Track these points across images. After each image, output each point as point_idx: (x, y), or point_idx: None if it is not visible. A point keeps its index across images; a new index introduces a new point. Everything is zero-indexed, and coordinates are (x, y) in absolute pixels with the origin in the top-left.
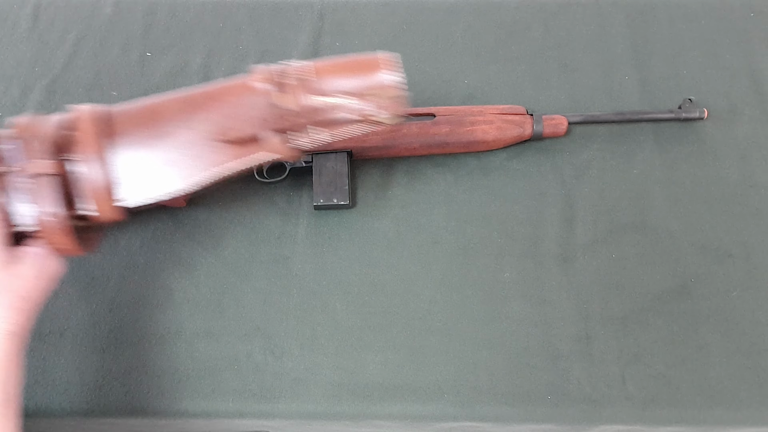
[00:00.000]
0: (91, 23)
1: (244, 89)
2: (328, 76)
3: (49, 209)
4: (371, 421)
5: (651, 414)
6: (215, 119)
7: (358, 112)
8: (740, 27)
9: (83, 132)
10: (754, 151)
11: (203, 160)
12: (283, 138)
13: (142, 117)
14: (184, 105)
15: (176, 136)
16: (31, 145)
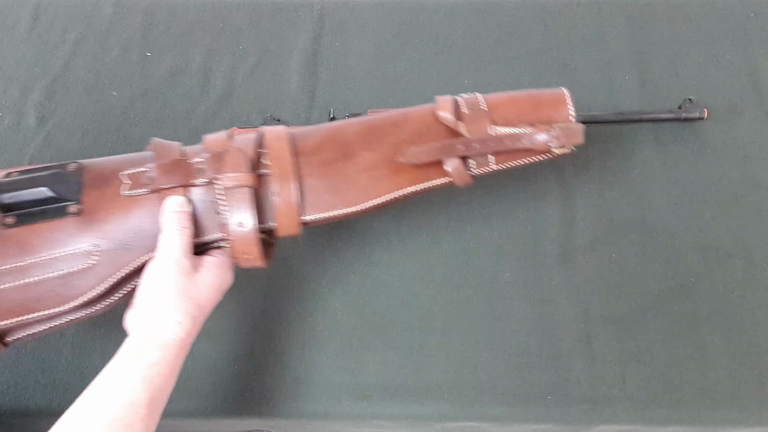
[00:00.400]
0: (91, 23)
1: (428, 117)
2: (507, 107)
3: (244, 219)
4: (371, 421)
5: (651, 414)
6: (398, 144)
7: (538, 144)
8: (740, 27)
9: (278, 150)
10: (755, 151)
11: (384, 183)
12: (464, 165)
13: (324, 139)
14: (366, 129)
15: (359, 158)
16: (225, 159)
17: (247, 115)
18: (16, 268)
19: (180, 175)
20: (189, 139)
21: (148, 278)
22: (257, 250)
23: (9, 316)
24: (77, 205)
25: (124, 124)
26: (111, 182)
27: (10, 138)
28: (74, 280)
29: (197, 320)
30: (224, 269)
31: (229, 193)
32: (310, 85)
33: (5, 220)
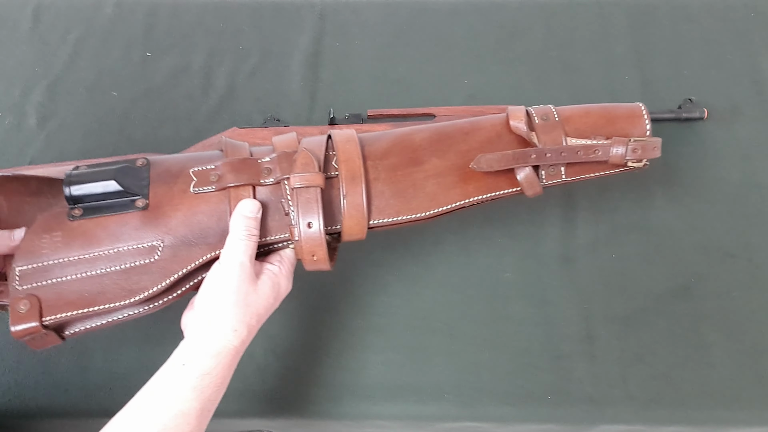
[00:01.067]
0: (92, 24)
1: (499, 126)
2: (580, 119)
3: (312, 220)
4: (373, 421)
5: (653, 414)
6: (468, 152)
7: (615, 157)
8: (741, 27)
9: (347, 153)
10: (756, 151)
11: (452, 190)
12: (536, 175)
13: (392, 144)
14: (435, 136)
15: (428, 164)
16: (295, 159)
17: (249, 116)
18: (81, 259)
19: (248, 173)
20: (190, 139)
21: (210, 281)
22: (324, 252)
23: (71, 308)
24: (144, 200)
25: (125, 124)
26: (179, 178)
27: (12, 138)
28: (137, 274)
29: (253, 329)
30: (283, 278)
31: (297, 194)
32: (311, 85)
33: (72, 212)
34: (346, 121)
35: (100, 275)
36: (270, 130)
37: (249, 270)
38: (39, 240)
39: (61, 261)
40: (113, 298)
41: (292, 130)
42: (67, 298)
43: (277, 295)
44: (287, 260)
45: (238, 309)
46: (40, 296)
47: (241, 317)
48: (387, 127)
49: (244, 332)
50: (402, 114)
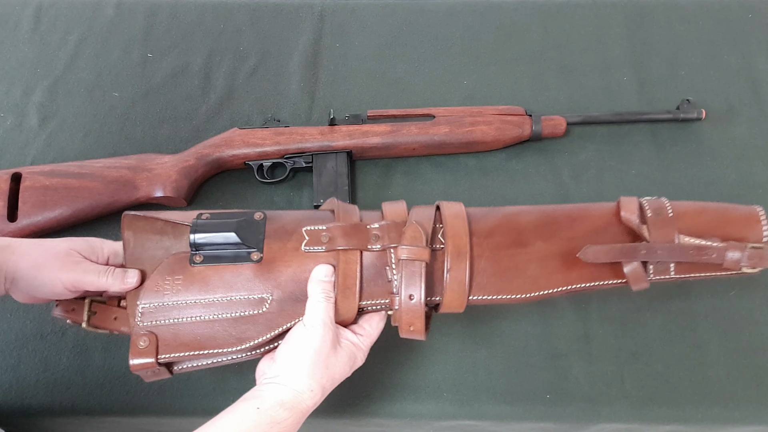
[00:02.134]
0: (92, 24)
1: (608, 216)
2: (695, 217)
3: (414, 292)
4: (371, 420)
5: (649, 412)
6: (574, 238)
7: (729, 262)
8: (738, 28)
9: (455, 229)
10: (752, 152)
11: (555, 276)
12: (643, 270)
13: (499, 223)
14: (542, 219)
15: (532, 247)
16: (404, 231)
17: (248, 116)
18: (198, 303)
19: (357, 238)
20: (190, 139)
21: (294, 338)
22: (421, 324)
23: (184, 349)
24: (259, 253)
25: (125, 124)
26: (292, 236)
27: (13, 138)
28: (246, 324)
29: (326, 391)
30: (361, 350)
31: (403, 265)
32: (310, 85)
33: (195, 257)
34: (346, 121)
35: (213, 321)
36: (270, 131)
37: (332, 332)
38: (163, 281)
39: (180, 303)
40: (222, 344)
41: (293, 132)
42: (182, 339)
43: (353, 365)
44: (371, 334)
45: (317, 369)
46: (158, 334)
47: (318, 378)
48: (387, 128)
49: (318, 394)
50: (401, 114)
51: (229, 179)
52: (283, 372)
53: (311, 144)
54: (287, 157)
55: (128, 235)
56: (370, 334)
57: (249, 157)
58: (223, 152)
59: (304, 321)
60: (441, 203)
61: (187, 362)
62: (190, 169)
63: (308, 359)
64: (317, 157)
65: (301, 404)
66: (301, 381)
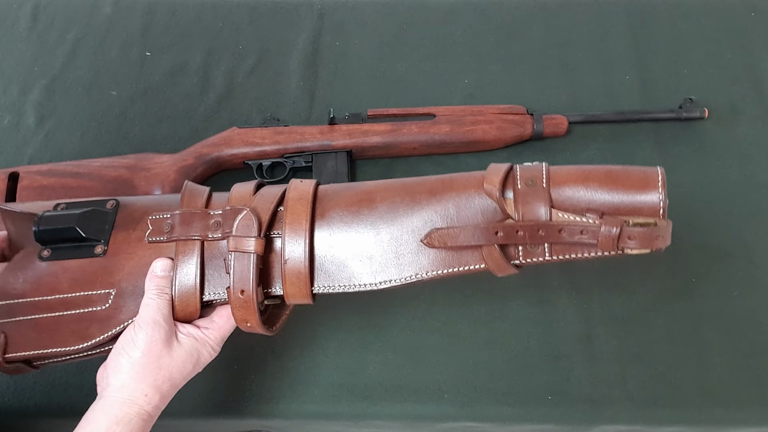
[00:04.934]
0: (90, 23)
1: (474, 190)
2: (575, 184)
3: (244, 286)
4: (371, 421)
5: (652, 414)
6: (432, 219)
7: (606, 241)
8: (741, 26)
9: (297, 215)
10: (755, 151)
11: (404, 261)
12: (507, 253)
13: (353, 199)
14: (401, 194)
15: (383, 228)
16: (238, 219)
17: (247, 115)
18: (42, 301)
19: (197, 226)
20: (188, 138)
21: (122, 340)
22: (255, 320)
23: (29, 348)
24: (103, 246)
25: (123, 123)
26: (138, 225)
27: (10, 137)
28: (89, 321)
29: (166, 394)
30: (206, 344)
31: (235, 257)
32: (309, 84)
33: (42, 252)
34: (346, 121)
35: (57, 318)
36: (269, 130)
37: (163, 330)
38: (12, 277)
39: (27, 301)
40: (65, 342)
41: (292, 131)
42: (29, 337)
43: (196, 362)
44: (221, 327)
45: (148, 372)
46: (7, 333)
47: (150, 381)
48: (387, 127)
49: (155, 397)
50: (401, 114)
51: (228, 179)
52: (112, 381)
53: (311, 143)
54: (287, 156)
55: (9, 226)
56: (220, 327)
57: (248, 156)
58: (222, 151)
59: (135, 320)
60: (291, 182)
61: (44, 358)
62: (188, 169)
63: (136, 362)
64: (317, 156)
65: (138, 413)
66: (132, 387)
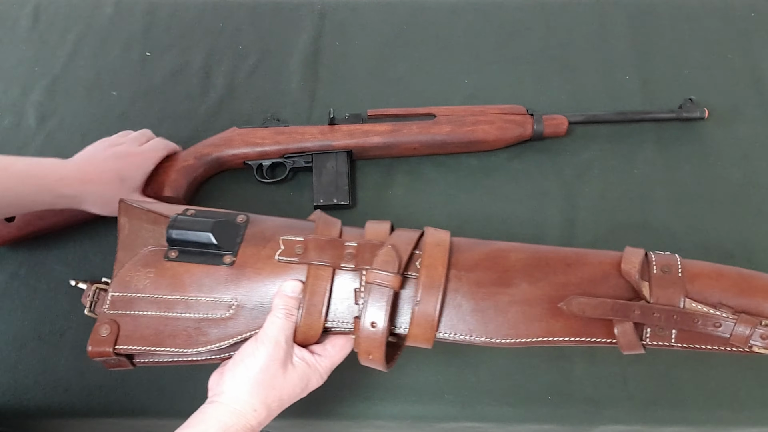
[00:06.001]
0: (91, 23)
1: (607, 266)
2: (708, 281)
3: (377, 320)
4: (371, 421)
5: (653, 414)
6: (565, 285)
7: (738, 338)
8: (741, 27)
9: (433, 258)
10: (756, 151)
11: (536, 324)
12: (636, 332)
13: (485, 258)
14: (534, 258)
15: (517, 288)
16: (377, 253)
17: (248, 115)
18: (164, 300)
19: (331, 254)
20: (189, 138)
21: (242, 354)
22: (380, 354)
23: (142, 343)
24: (232, 257)
25: (124, 124)
26: (268, 243)
27: (11, 138)
28: (208, 326)
29: (273, 412)
30: (316, 372)
31: (370, 289)
32: (310, 84)
33: (169, 253)
34: (346, 121)
35: (176, 318)
36: (270, 130)
37: (283, 351)
38: (135, 272)
39: (147, 297)
40: (180, 344)
41: (292, 131)
42: (143, 332)
43: (305, 387)
44: (332, 356)
45: (261, 389)
46: (121, 324)
47: (262, 398)
48: (388, 127)
49: (263, 414)
50: (402, 114)
51: (228, 179)
52: (227, 389)
53: (311, 143)
54: (287, 156)
55: (123, 221)
56: (332, 356)
57: (249, 156)
58: (222, 152)
59: (258, 335)
60: (427, 229)
61: (148, 357)
62: (189, 169)
63: (252, 377)
64: (317, 156)
65: (244, 425)
66: (244, 400)
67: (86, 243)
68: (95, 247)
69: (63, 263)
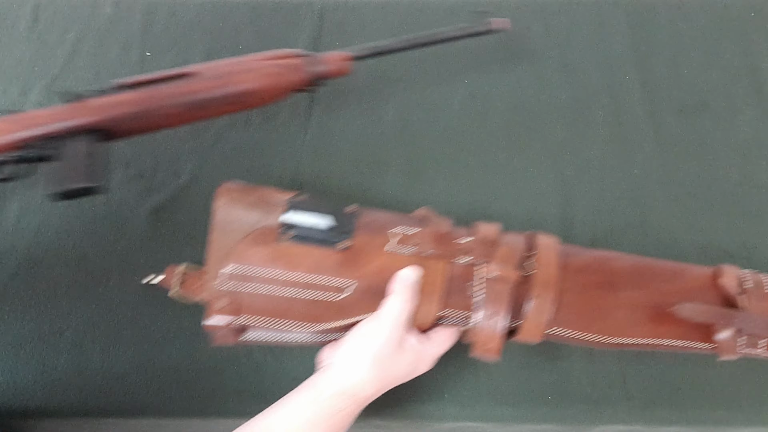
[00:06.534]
0: (90, 23)
1: (706, 279)
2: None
3: (496, 313)
4: (371, 421)
5: (652, 414)
6: (669, 293)
7: None
8: (741, 26)
9: (547, 258)
10: (755, 151)
11: (641, 326)
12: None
13: (592, 262)
14: (638, 268)
15: (622, 293)
16: (497, 249)
17: (249, 116)
18: (279, 279)
19: (445, 248)
20: (188, 138)
21: (362, 330)
22: (497, 345)
23: (261, 315)
24: (348, 242)
25: None
26: (381, 233)
27: None
28: (322, 308)
29: (383, 390)
30: (426, 359)
31: (490, 284)
32: None
33: (285, 234)
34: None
35: (291, 298)
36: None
37: (400, 332)
38: (250, 249)
39: (263, 274)
40: (297, 318)
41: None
42: (258, 307)
43: (412, 372)
44: (440, 345)
45: (378, 364)
46: (236, 299)
47: (377, 372)
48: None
49: (375, 387)
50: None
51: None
52: (344, 360)
53: (54, 127)
54: (27, 148)
55: (221, 202)
56: (439, 345)
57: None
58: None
59: (378, 315)
60: (537, 233)
61: (256, 333)
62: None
63: (372, 352)
64: (64, 141)
65: (359, 393)
66: (361, 372)
67: (86, 243)
68: (95, 247)
69: (63, 263)
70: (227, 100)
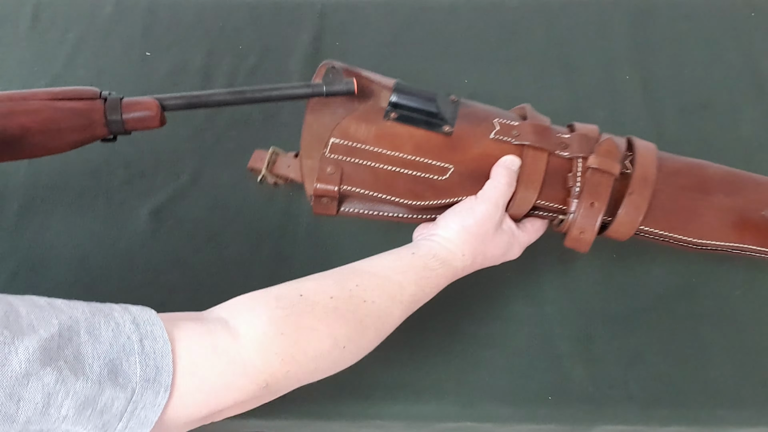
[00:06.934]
0: (91, 23)
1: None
2: None
3: (597, 202)
4: (371, 421)
5: (653, 414)
6: (757, 201)
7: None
8: (742, 26)
9: (645, 158)
10: (757, 151)
11: (728, 230)
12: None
13: (686, 166)
14: (729, 175)
15: (714, 197)
16: (599, 144)
17: (249, 115)
18: (384, 155)
19: (548, 140)
20: (189, 137)
21: (462, 206)
22: (593, 233)
23: (365, 186)
24: (451, 127)
25: None
26: (483, 123)
27: None
28: (424, 185)
29: (476, 264)
30: (518, 244)
31: (591, 175)
32: None
33: (390, 114)
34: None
35: (394, 173)
36: None
37: (499, 213)
38: (356, 125)
39: (368, 149)
40: (399, 194)
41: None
42: (362, 178)
43: (505, 254)
44: (531, 233)
45: (474, 239)
46: (343, 168)
47: (472, 247)
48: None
49: (469, 260)
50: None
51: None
52: (441, 232)
53: None
54: None
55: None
56: (531, 232)
57: None
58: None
59: (481, 194)
60: (632, 137)
61: (356, 205)
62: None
63: (468, 227)
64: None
65: (452, 261)
66: (457, 244)
67: (87, 243)
68: (95, 247)
69: (63, 263)
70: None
